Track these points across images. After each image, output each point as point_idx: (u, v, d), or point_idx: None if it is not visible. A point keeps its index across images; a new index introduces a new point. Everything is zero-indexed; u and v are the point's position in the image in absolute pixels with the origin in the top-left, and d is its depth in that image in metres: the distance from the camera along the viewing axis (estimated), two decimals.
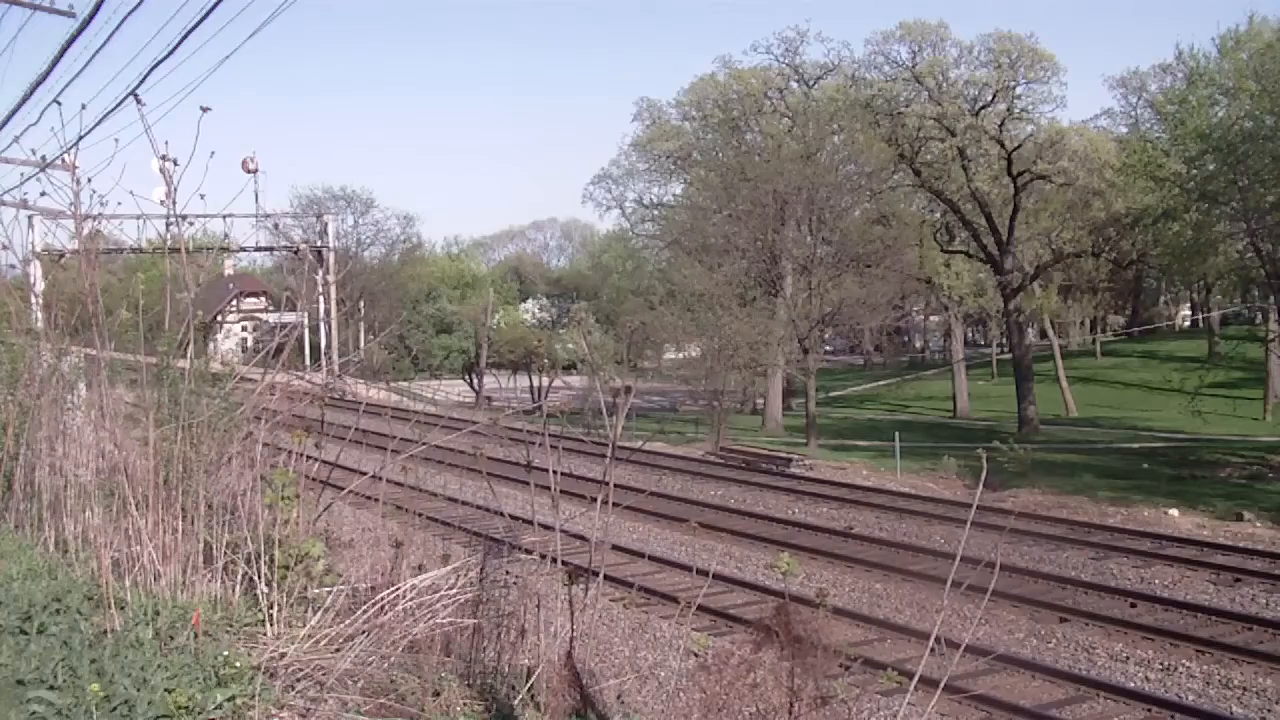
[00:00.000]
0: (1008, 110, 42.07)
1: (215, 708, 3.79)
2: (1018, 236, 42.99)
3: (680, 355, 42.46)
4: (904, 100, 43.57)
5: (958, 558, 4.11)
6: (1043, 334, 59.73)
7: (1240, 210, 30.43)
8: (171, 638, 4.39)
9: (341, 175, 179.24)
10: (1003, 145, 41.78)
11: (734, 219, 40.92)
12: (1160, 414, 41.40)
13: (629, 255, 62.93)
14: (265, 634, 4.57)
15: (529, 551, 9.20)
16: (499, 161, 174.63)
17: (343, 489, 6.15)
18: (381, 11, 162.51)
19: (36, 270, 13.43)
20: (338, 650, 4.43)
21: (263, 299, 51.84)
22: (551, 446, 5.42)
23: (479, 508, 15.86)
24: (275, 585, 4.68)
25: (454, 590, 4.95)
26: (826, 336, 53.55)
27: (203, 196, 6.08)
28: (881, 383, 67.70)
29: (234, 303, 50.18)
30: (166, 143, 5.74)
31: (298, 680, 4.20)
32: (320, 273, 48.69)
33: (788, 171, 39.05)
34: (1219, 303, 55.42)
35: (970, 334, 72.13)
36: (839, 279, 38.99)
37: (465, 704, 4.48)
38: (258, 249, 51.24)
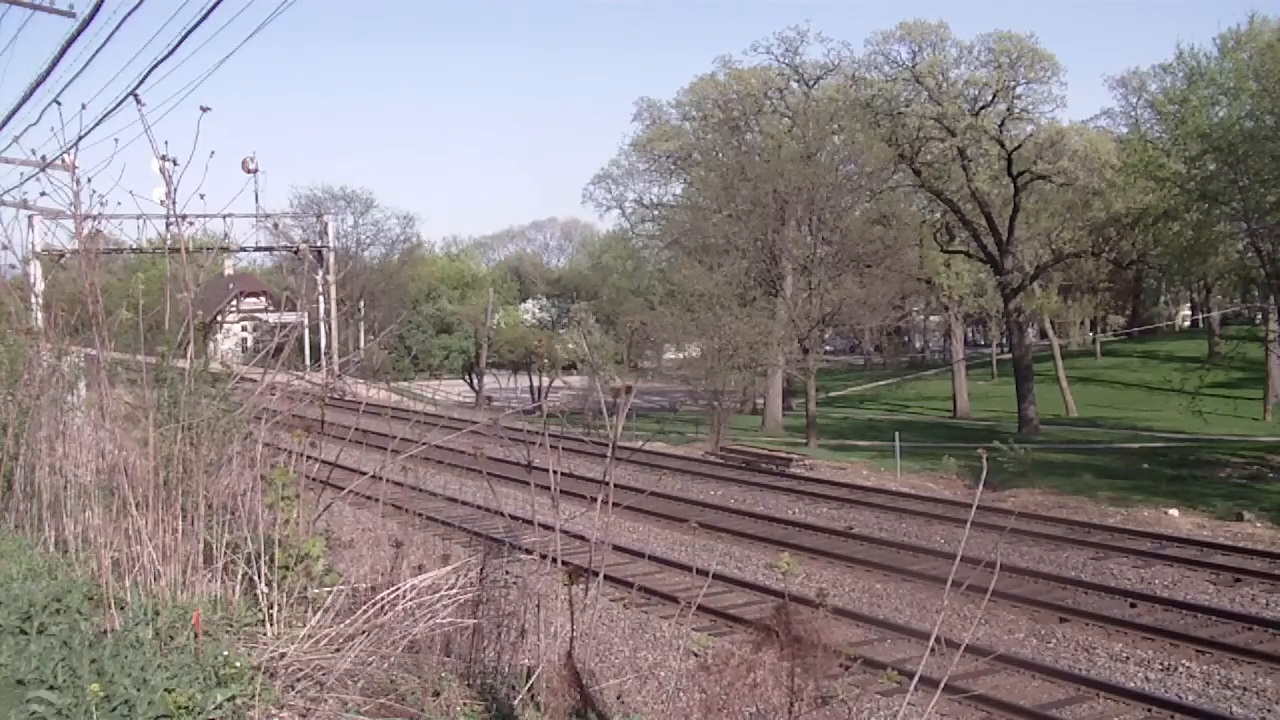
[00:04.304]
0: (1008, 110, 42.07)
1: (215, 708, 3.79)
2: (1018, 236, 42.99)
3: (680, 355, 42.46)
4: (904, 100, 43.57)
5: (958, 558, 4.11)
6: (1043, 334, 59.74)
7: (1240, 210, 30.45)
8: (171, 638, 4.39)
9: (341, 175, 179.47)
10: (1003, 145, 41.78)
11: (734, 219, 40.92)
12: (1160, 414, 41.40)
13: (629, 255, 62.93)
14: (265, 634, 4.57)
15: (529, 551, 9.19)
16: (499, 161, 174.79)
17: (343, 489, 6.15)
18: (381, 11, 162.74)
19: (36, 270, 13.44)
20: (338, 650, 4.43)
21: (263, 299, 51.75)
22: (551, 446, 5.42)
23: (479, 508, 15.87)
24: (275, 585, 4.68)
25: (454, 590, 4.95)
26: (826, 336, 53.53)
27: (203, 196, 6.06)
28: (881, 383, 67.72)
29: (234, 303, 50.09)
30: (166, 143, 5.72)
31: (298, 680, 4.20)
32: (320, 273, 48.67)
33: (788, 171, 39.04)
34: (1219, 303, 55.44)
35: (970, 334, 72.11)
36: (839, 279, 38.99)
37: (465, 704, 4.48)
38: (258, 249, 51.24)
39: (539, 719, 4.59)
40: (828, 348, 68.98)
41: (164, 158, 5.71)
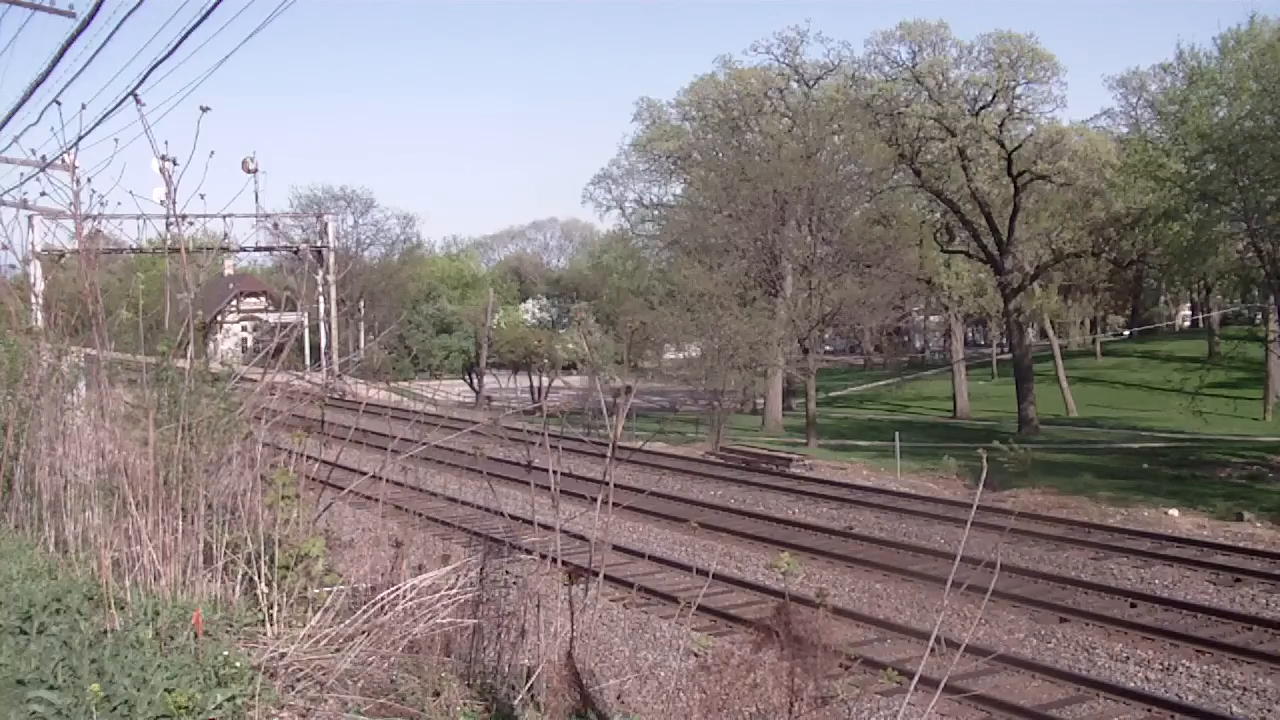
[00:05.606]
0: (1008, 110, 42.07)
1: (215, 708, 3.79)
2: (1018, 236, 42.97)
3: (680, 355, 42.43)
4: (904, 100, 43.55)
5: (958, 558, 4.11)
6: (1043, 334, 59.69)
7: (1241, 210, 30.42)
8: (171, 638, 4.38)
9: (341, 175, 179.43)
10: (1003, 145, 41.77)
11: (734, 219, 40.92)
12: (1160, 414, 41.39)
13: (629, 255, 62.86)
14: (265, 634, 4.57)
15: (529, 551, 9.19)
16: (499, 161, 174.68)
17: (343, 489, 6.15)
18: (381, 11, 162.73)
19: (36, 270, 13.44)
20: (338, 650, 4.43)
21: (263, 299, 51.77)
22: (551, 446, 5.42)
23: (479, 508, 15.84)
24: (275, 585, 4.68)
25: (454, 590, 4.95)
26: (826, 336, 53.54)
27: (203, 196, 6.07)
28: (881, 383, 67.66)
29: (234, 303, 50.14)
30: (166, 143, 5.73)
31: (298, 680, 4.20)
32: (320, 273, 48.71)
33: (788, 171, 39.05)
34: (1219, 303, 55.40)
35: (970, 334, 72.08)
36: (839, 279, 38.99)
37: (465, 704, 4.48)
38: (258, 249, 51.36)
39: (539, 719, 4.59)
40: (828, 348, 69.00)
41: (164, 158, 5.71)
